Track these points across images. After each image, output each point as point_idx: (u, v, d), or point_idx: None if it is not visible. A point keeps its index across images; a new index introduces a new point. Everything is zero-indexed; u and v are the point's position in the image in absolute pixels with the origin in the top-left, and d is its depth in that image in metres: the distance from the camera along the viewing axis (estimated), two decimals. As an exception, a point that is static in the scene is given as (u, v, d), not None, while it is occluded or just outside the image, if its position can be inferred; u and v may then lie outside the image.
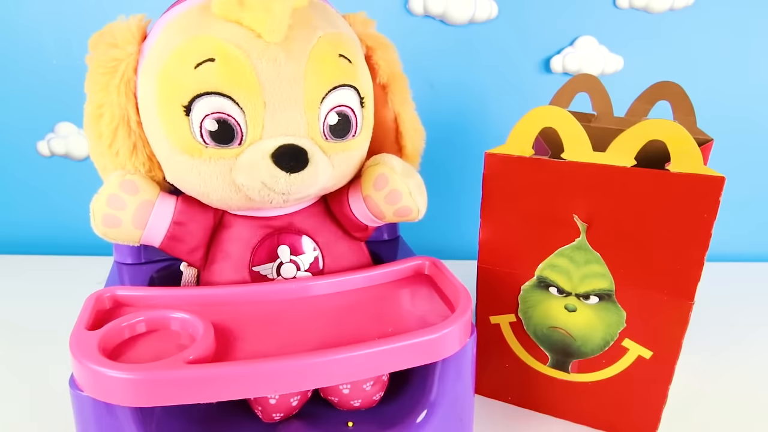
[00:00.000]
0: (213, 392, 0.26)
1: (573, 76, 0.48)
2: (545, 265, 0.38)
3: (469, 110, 0.69)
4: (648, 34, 0.66)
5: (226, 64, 0.29)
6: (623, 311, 0.36)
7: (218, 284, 0.35)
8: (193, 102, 0.30)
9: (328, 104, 0.32)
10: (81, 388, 0.26)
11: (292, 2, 0.30)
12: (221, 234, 0.35)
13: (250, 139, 0.31)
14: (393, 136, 0.40)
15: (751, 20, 0.65)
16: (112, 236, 0.32)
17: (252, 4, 0.29)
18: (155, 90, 0.31)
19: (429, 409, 0.34)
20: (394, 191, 0.35)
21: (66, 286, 0.56)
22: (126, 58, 0.32)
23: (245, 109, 0.30)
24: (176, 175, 0.33)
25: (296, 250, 0.36)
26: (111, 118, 0.32)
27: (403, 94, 0.39)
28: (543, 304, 0.39)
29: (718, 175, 0.31)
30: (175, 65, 0.30)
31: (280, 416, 0.34)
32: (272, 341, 0.29)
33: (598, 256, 0.36)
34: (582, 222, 0.35)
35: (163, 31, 0.31)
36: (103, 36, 0.33)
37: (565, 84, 0.48)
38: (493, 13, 0.65)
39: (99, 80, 0.32)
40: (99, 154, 0.34)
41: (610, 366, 0.38)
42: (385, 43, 0.37)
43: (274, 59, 0.30)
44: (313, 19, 0.32)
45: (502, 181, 0.37)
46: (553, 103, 0.48)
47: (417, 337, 0.29)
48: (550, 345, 0.40)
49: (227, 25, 0.30)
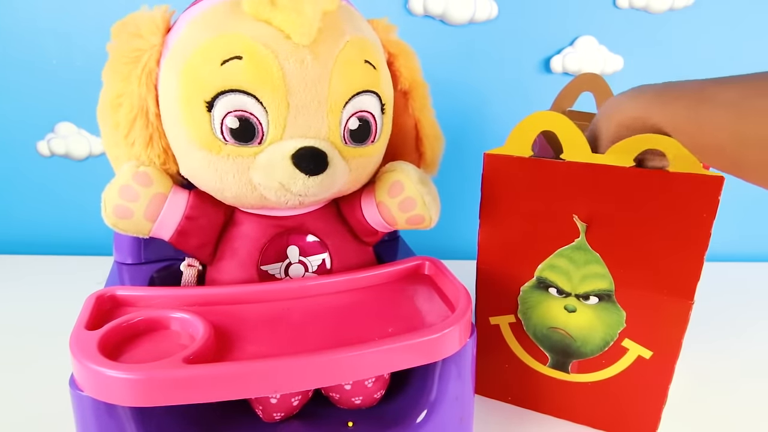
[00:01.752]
0: (213, 392, 0.26)
1: (577, 75, 0.48)
2: (545, 266, 0.38)
3: (469, 110, 0.69)
4: (648, 34, 0.66)
5: (253, 62, 0.29)
6: (623, 311, 0.36)
7: (224, 282, 0.35)
8: (216, 98, 0.30)
9: (350, 109, 0.32)
10: (81, 388, 0.26)
11: (323, 5, 0.30)
12: (231, 231, 0.35)
13: (271, 138, 0.31)
14: (413, 143, 0.40)
15: (751, 20, 0.65)
16: (122, 227, 0.32)
17: (284, 5, 0.29)
18: (178, 84, 0.31)
19: (429, 408, 0.34)
20: (409, 199, 0.35)
21: (66, 286, 0.56)
22: (149, 49, 0.32)
23: (269, 108, 0.30)
24: (192, 169, 0.33)
25: (305, 251, 0.36)
26: (130, 109, 0.32)
27: (423, 101, 0.39)
28: (542, 305, 0.39)
29: (718, 174, 0.31)
30: (201, 60, 0.30)
31: (281, 416, 0.34)
32: (272, 341, 0.29)
33: (597, 256, 0.36)
34: (582, 222, 0.35)
35: (189, 25, 0.31)
36: (127, 25, 0.32)
37: (570, 83, 0.47)
38: (493, 13, 0.65)
39: (120, 69, 0.32)
40: (113, 143, 0.34)
41: (610, 366, 0.38)
42: (407, 50, 0.38)
43: (301, 61, 0.30)
44: (342, 24, 0.32)
45: (501, 182, 0.37)
46: (557, 102, 0.48)
47: (417, 337, 0.29)
48: (550, 345, 0.40)
49: (256, 24, 0.30)
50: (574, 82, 0.47)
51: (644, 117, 0.32)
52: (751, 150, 0.26)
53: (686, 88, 0.30)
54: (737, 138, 0.26)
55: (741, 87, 0.27)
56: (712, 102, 0.28)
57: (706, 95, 0.28)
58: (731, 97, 0.27)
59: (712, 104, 0.28)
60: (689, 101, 0.29)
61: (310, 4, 0.29)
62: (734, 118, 0.26)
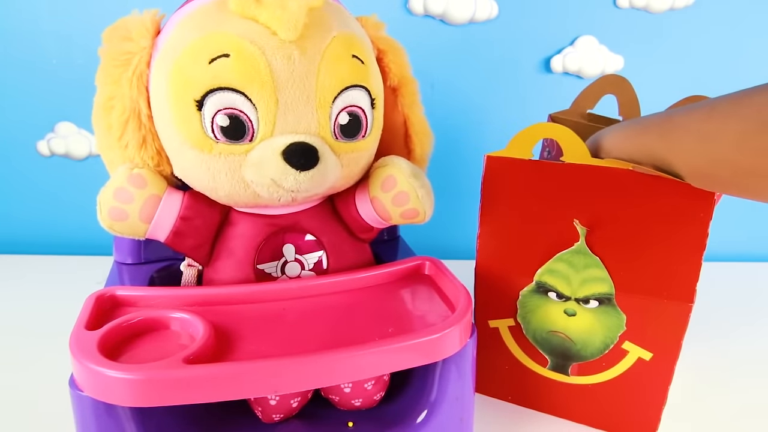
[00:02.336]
0: (213, 392, 0.26)
1: (602, 76, 0.46)
2: (544, 270, 0.38)
3: (469, 110, 0.69)
4: (648, 34, 0.66)
5: (240, 60, 0.29)
6: (623, 315, 0.36)
7: (221, 281, 0.35)
8: (206, 97, 0.30)
9: (339, 104, 0.32)
10: (81, 388, 0.26)
11: (308, 1, 0.30)
12: (227, 231, 0.35)
13: (261, 135, 0.31)
14: (402, 139, 0.40)
15: (751, 20, 0.65)
16: (118, 229, 0.32)
17: (269, 2, 0.29)
18: (168, 84, 0.31)
19: (429, 409, 0.34)
20: (402, 193, 0.35)
21: (66, 286, 0.56)
22: (139, 52, 0.32)
23: (258, 105, 0.30)
24: (185, 169, 0.33)
25: (301, 249, 0.36)
26: (122, 111, 0.32)
27: (412, 97, 0.39)
28: (542, 309, 0.39)
29: None
30: (190, 60, 0.30)
31: (280, 417, 0.34)
32: (272, 341, 0.29)
33: (597, 260, 0.36)
34: (582, 226, 0.35)
35: (177, 26, 0.32)
36: (117, 29, 0.33)
37: (592, 84, 0.46)
38: (493, 13, 0.65)
39: (111, 73, 0.32)
40: (107, 146, 0.34)
41: (610, 368, 0.38)
42: (396, 47, 0.38)
43: (288, 57, 0.30)
44: (328, 19, 0.32)
45: (501, 184, 0.37)
46: (577, 101, 0.47)
47: (417, 337, 0.29)
48: (550, 349, 0.40)
49: (243, 22, 0.30)
50: (597, 83, 0.46)
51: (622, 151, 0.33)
52: (725, 170, 0.27)
53: (653, 119, 0.32)
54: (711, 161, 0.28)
55: (699, 113, 0.28)
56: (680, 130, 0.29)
57: (672, 123, 0.30)
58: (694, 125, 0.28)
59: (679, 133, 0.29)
60: (660, 130, 0.31)
61: (296, 0, 0.30)
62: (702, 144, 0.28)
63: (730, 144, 0.26)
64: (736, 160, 0.26)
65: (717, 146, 0.27)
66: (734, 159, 0.26)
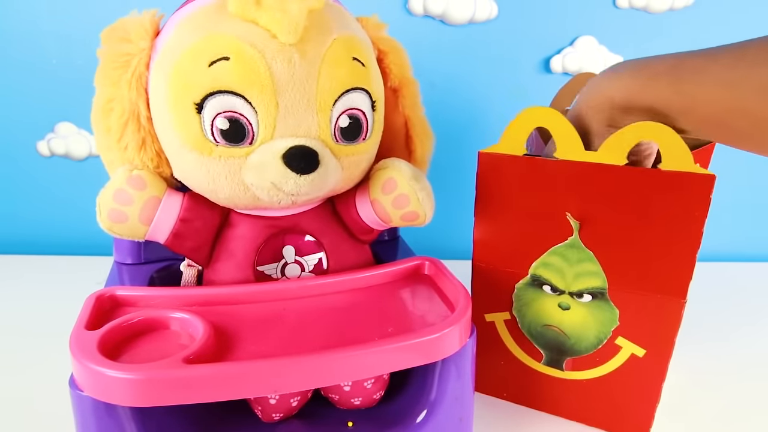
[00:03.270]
0: (213, 392, 0.26)
1: (575, 75, 0.47)
2: (539, 264, 0.38)
3: (469, 110, 0.69)
4: (648, 34, 0.66)
5: (240, 63, 0.29)
6: (616, 309, 0.36)
7: (221, 283, 0.35)
8: (206, 100, 0.30)
9: (340, 107, 0.32)
10: (81, 388, 0.27)
11: (308, 4, 0.30)
12: (226, 233, 0.35)
13: (261, 139, 0.31)
14: (403, 140, 0.40)
15: (751, 20, 0.65)
16: (118, 231, 0.32)
17: (269, 4, 0.29)
18: (167, 86, 0.31)
19: (429, 408, 0.34)
20: (402, 195, 0.35)
21: (66, 286, 0.56)
22: (138, 53, 0.32)
23: (258, 108, 0.30)
24: (184, 172, 0.33)
25: (301, 251, 0.36)
26: (121, 113, 0.32)
27: (413, 98, 0.39)
28: (537, 302, 0.39)
29: (709, 173, 0.31)
30: (189, 62, 0.30)
31: (280, 416, 0.34)
32: (272, 341, 0.29)
33: (590, 254, 0.36)
34: (575, 220, 0.35)
35: (177, 27, 0.31)
36: (116, 30, 0.33)
37: (568, 82, 0.47)
38: (493, 13, 0.65)
39: (110, 74, 0.32)
40: (107, 148, 0.34)
41: (604, 364, 0.38)
42: (397, 47, 0.37)
43: (288, 60, 0.30)
44: (329, 22, 0.32)
45: (495, 180, 0.37)
46: (554, 102, 0.48)
47: (417, 337, 0.29)
48: (545, 343, 0.40)
49: (243, 25, 0.30)
50: (572, 81, 0.47)
51: (629, 100, 0.32)
52: (743, 120, 0.26)
53: (663, 64, 0.30)
54: (729, 110, 0.27)
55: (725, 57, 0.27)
56: (699, 76, 0.28)
57: (686, 69, 0.28)
58: (717, 71, 0.27)
59: (697, 79, 0.28)
60: (670, 78, 0.29)
61: (296, 2, 0.29)
62: (724, 91, 0.27)
63: (755, 92, 0.25)
64: (758, 109, 0.25)
65: (740, 93, 0.26)
66: (755, 108, 0.25)
